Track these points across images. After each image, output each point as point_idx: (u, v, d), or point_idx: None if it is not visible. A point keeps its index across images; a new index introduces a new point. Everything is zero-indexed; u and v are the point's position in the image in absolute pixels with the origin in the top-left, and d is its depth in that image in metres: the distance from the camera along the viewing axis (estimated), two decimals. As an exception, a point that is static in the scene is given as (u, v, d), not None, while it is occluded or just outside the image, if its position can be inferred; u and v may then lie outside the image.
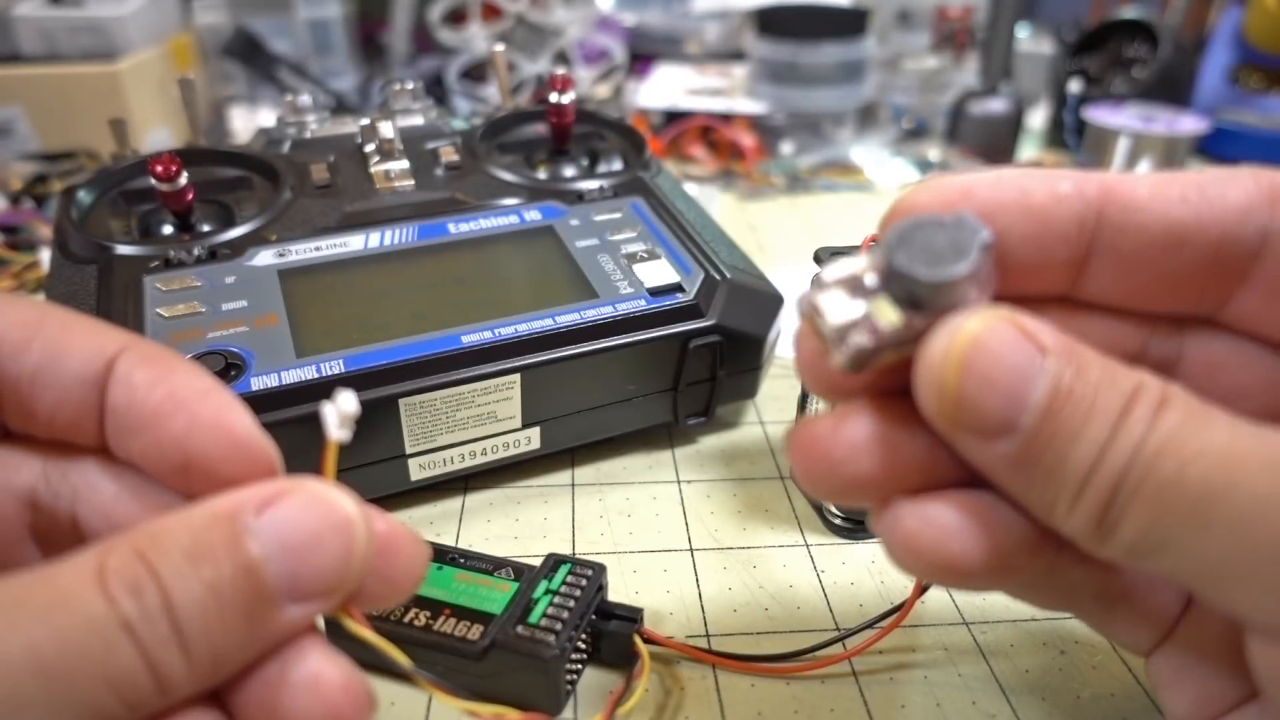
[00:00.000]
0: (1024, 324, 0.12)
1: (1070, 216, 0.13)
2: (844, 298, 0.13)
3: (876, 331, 0.13)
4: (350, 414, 0.13)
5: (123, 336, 0.13)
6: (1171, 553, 0.12)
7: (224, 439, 0.13)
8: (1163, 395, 0.12)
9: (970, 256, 0.12)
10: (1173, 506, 0.11)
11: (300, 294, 0.26)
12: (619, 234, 0.29)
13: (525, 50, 0.61)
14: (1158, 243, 0.13)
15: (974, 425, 0.12)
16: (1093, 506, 0.12)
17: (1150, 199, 0.13)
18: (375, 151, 0.32)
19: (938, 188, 0.14)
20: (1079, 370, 0.12)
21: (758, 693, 0.20)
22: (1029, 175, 0.14)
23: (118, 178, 0.30)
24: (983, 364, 0.12)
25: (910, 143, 0.56)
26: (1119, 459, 0.12)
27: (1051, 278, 0.14)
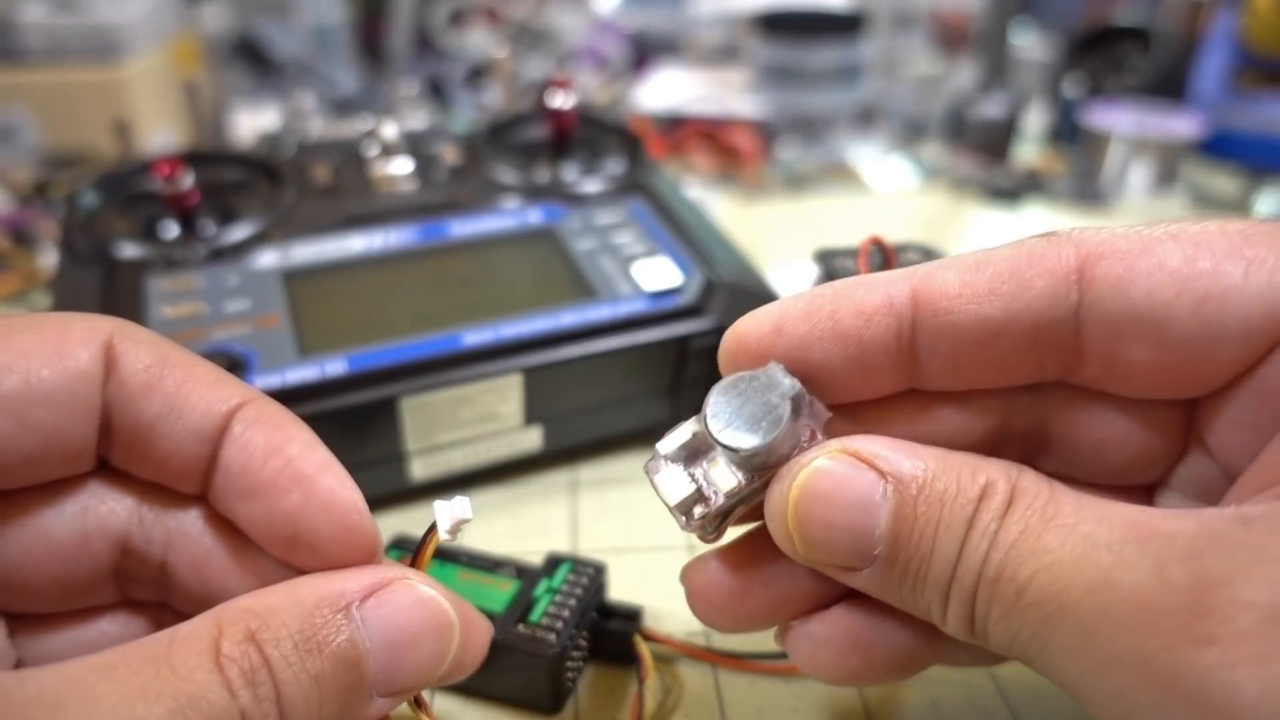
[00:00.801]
0: (859, 451, 0.13)
1: (884, 332, 0.13)
2: (679, 473, 0.14)
3: (718, 497, 0.14)
4: (462, 519, 0.13)
5: (241, 390, 0.13)
6: (1037, 665, 0.12)
7: (336, 521, 0.13)
8: (1010, 494, 0.12)
9: (781, 421, 0.13)
10: (1020, 628, 0.11)
11: (303, 294, 0.26)
12: (619, 235, 0.29)
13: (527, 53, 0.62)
14: (974, 340, 0.13)
15: (830, 563, 0.13)
16: (960, 615, 0.12)
17: (959, 298, 0.13)
18: (378, 153, 0.32)
19: (754, 327, 0.14)
20: (921, 487, 0.12)
21: (757, 691, 0.20)
22: (839, 296, 0.14)
23: (122, 180, 0.30)
24: (821, 510, 0.13)
25: (908, 144, 0.56)
26: (968, 579, 0.12)
27: (886, 383, 0.14)
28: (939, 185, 0.51)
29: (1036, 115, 0.58)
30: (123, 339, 0.13)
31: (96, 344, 0.13)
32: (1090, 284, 0.13)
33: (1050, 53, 0.58)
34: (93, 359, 0.13)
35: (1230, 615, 0.10)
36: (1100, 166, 0.50)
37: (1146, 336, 0.12)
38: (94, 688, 0.10)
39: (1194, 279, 0.12)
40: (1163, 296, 0.12)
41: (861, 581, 0.13)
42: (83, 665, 0.10)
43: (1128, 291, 0.12)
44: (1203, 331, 0.12)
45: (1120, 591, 0.10)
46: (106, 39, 0.48)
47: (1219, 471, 0.13)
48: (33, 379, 0.12)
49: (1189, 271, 0.12)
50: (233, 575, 0.14)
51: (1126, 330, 0.13)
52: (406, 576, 0.13)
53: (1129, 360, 0.13)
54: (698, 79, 0.61)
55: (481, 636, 0.14)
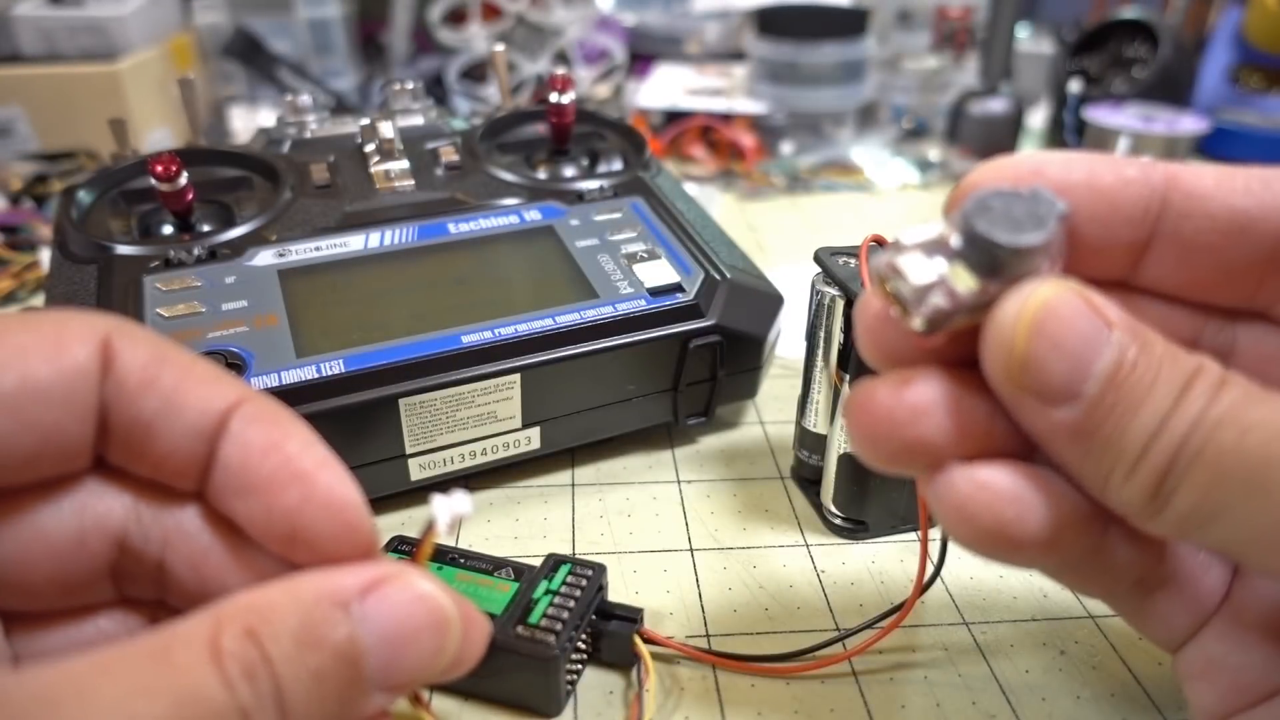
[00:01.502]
0: (1092, 298, 0.13)
1: (1136, 199, 0.14)
2: (923, 260, 0.13)
3: (954, 295, 0.13)
4: (461, 515, 0.13)
5: (239, 388, 0.13)
6: (1226, 521, 0.12)
7: (335, 519, 0.13)
8: (1222, 376, 0.12)
9: (1048, 226, 0.13)
10: (1231, 473, 0.12)
11: (300, 294, 0.26)
12: (619, 234, 0.29)
13: (525, 50, 0.61)
14: (1219, 230, 0.13)
15: (1038, 389, 0.13)
16: (1149, 478, 0.12)
17: (1215, 188, 0.13)
18: (375, 151, 0.32)
19: (1012, 164, 0.14)
20: (1143, 346, 0.12)
21: (758, 693, 0.20)
22: (1098, 159, 0.14)
23: (118, 178, 0.30)
24: (1052, 328, 0.12)
25: (910, 143, 0.56)
26: (1180, 428, 0.12)
27: (1114, 260, 0.14)
28: (942, 183, 0.50)
29: (1040, 112, 0.57)
30: (120, 337, 0.13)
31: (94, 342, 0.13)
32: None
33: (1053, 50, 0.58)
34: (90, 356, 0.13)
35: None
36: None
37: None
38: (92, 685, 0.10)
39: None
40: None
41: (1054, 422, 0.13)
42: (81, 662, 0.10)
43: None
44: None
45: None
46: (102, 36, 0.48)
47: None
48: (30, 377, 0.12)
49: None
50: (231, 573, 0.14)
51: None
52: (405, 572, 0.13)
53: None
54: (698, 76, 0.61)
55: (480, 633, 0.14)
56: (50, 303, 0.26)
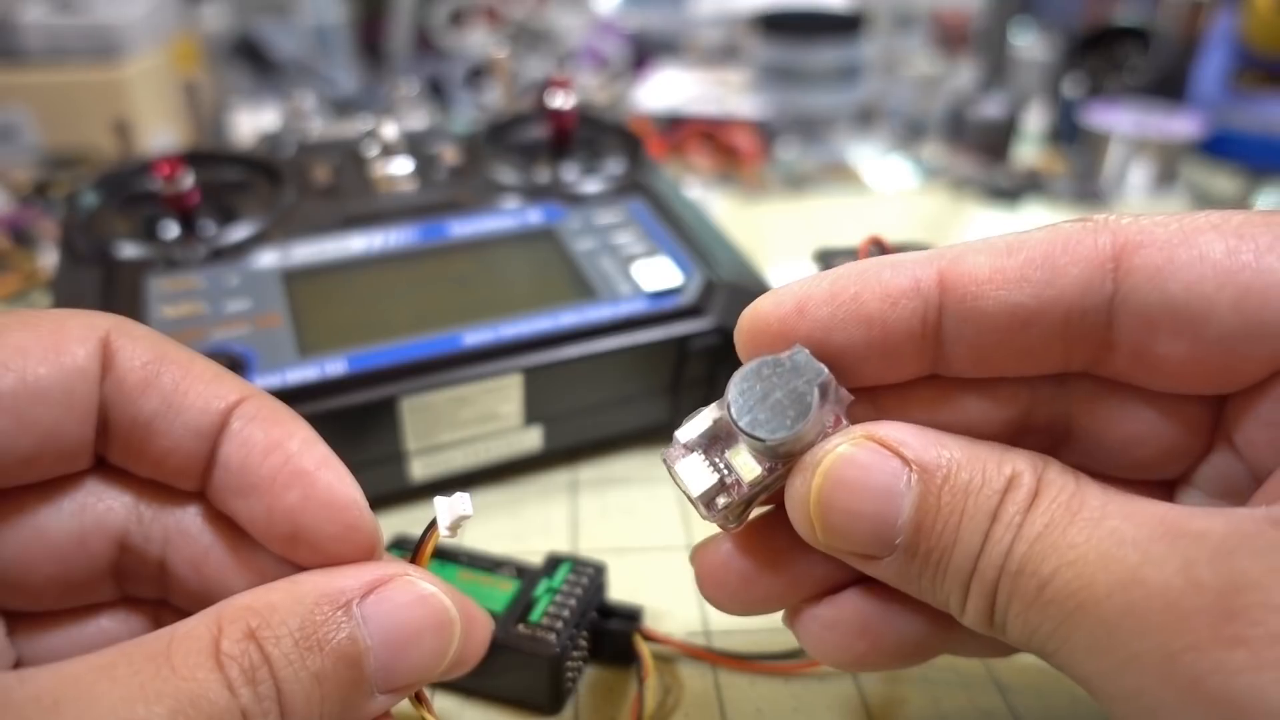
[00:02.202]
0: (885, 438, 0.12)
1: (909, 316, 0.13)
2: (700, 462, 0.14)
3: (740, 486, 0.13)
4: (462, 515, 0.13)
5: (240, 386, 0.13)
6: (1055, 660, 0.12)
7: (336, 518, 0.13)
8: (1035, 486, 0.12)
9: (809, 409, 0.13)
10: (1040, 623, 0.11)
11: (303, 294, 0.26)
12: (619, 235, 0.29)
13: (526, 53, 0.62)
14: (1003, 327, 0.13)
15: (851, 551, 0.13)
16: (980, 608, 0.12)
17: (989, 283, 0.13)
18: (378, 153, 0.32)
19: (774, 306, 0.14)
20: (947, 476, 0.12)
21: (757, 691, 0.20)
22: (864, 277, 0.13)
23: (122, 180, 0.30)
24: (844, 498, 0.12)
25: (908, 144, 0.56)
26: (990, 571, 0.12)
27: (909, 367, 0.14)
28: (939, 185, 0.51)
29: (1036, 115, 0.58)
30: (120, 335, 0.13)
31: (94, 341, 0.13)
32: (1127, 274, 0.12)
33: (1050, 52, 0.58)
34: (90, 356, 0.12)
35: (1260, 618, 0.09)
36: (1100, 166, 0.50)
37: (1183, 330, 0.12)
38: (93, 687, 0.10)
39: (1236, 272, 0.11)
40: (1203, 290, 0.12)
41: (881, 570, 0.13)
42: (82, 665, 0.10)
43: (1166, 283, 0.12)
44: (1242, 328, 0.12)
45: (1147, 589, 0.10)
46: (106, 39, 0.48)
47: (1245, 471, 0.13)
48: (29, 377, 0.12)
49: (1231, 264, 0.12)
50: (232, 572, 0.14)
51: (1162, 323, 0.12)
52: (407, 573, 0.13)
53: (1162, 354, 0.12)
54: (697, 79, 0.61)
55: (483, 632, 0.14)
56: (56, 303, 0.26)
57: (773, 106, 0.54)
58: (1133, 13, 0.59)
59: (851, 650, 0.14)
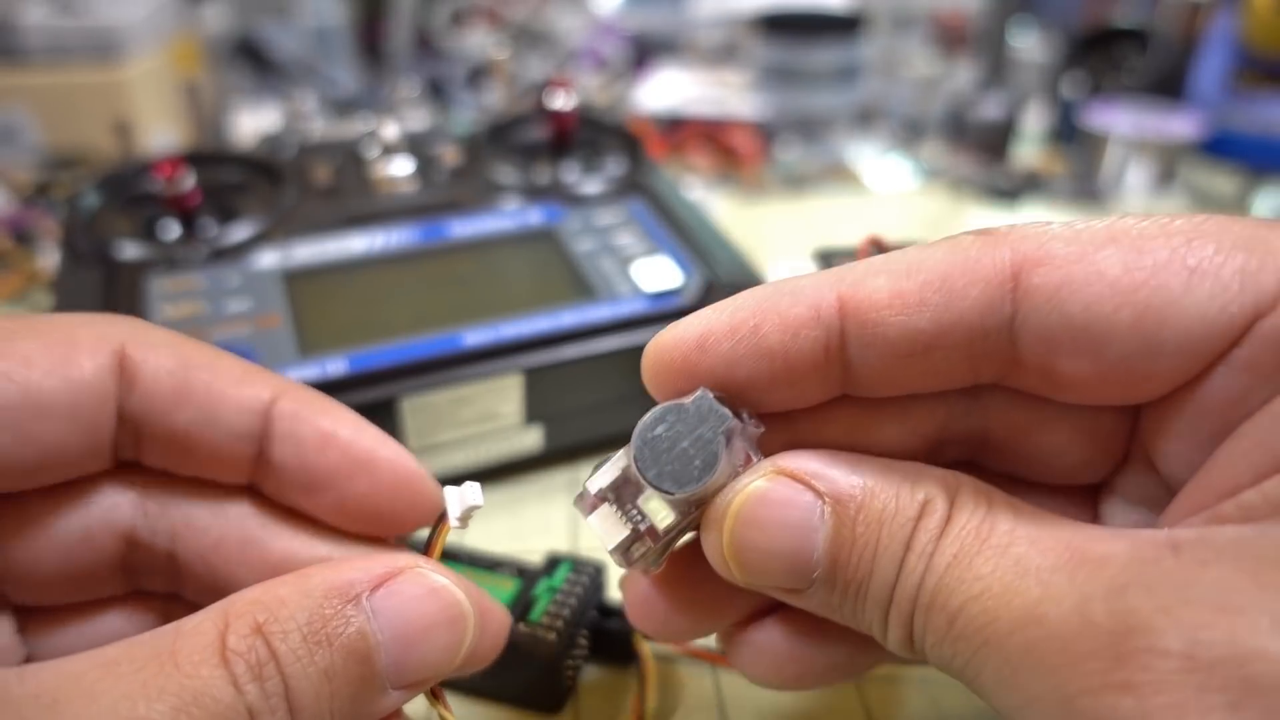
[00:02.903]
0: (796, 472, 0.12)
1: (811, 346, 0.13)
2: (612, 514, 0.13)
3: (655, 533, 0.13)
4: (473, 506, 0.13)
5: (270, 382, 0.13)
6: (974, 689, 0.12)
7: (406, 495, 0.13)
8: (948, 512, 0.12)
9: (716, 459, 0.13)
10: (953, 655, 0.11)
11: (303, 295, 0.26)
12: (619, 236, 0.29)
13: (527, 54, 0.62)
14: (904, 352, 0.13)
15: (771, 586, 0.13)
16: (900, 636, 0.12)
17: (888, 309, 0.12)
18: (378, 154, 0.32)
19: (675, 342, 0.13)
20: (860, 506, 0.12)
21: (757, 691, 0.20)
22: (762, 308, 0.13)
23: (123, 180, 0.30)
24: (757, 537, 0.12)
25: (907, 145, 0.56)
26: (905, 603, 0.12)
27: (817, 392, 0.14)
28: (938, 185, 0.51)
29: (1035, 115, 0.58)
30: (138, 345, 0.13)
31: (105, 352, 0.12)
32: (1025, 294, 0.12)
33: (1049, 53, 0.58)
34: (99, 369, 0.12)
35: (1146, 663, 0.09)
36: (1099, 167, 0.50)
37: (1083, 350, 0.12)
38: (95, 685, 0.10)
39: (1133, 291, 0.11)
40: (1100, 310, 0.12)
41: (804, 601, 0.13)
42: (85, 661, 0.10)
43: (1064, 304, 0.12)
44: (1142, 346, 0.12)
45: (1045, 628, 0.10)
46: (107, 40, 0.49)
47: (1161, 481, 0.13)
48: (32, 390, 0.12)
49: (1128, 282, 0.11)
50: (242, 564, 0.13)
51: (1063, 343, 0.12)
52: (418, 564, 0.12)
53: (1065, 371, 0.12)
54: (697, 80, 0.61)
55: (499, 625, 0.13)
56: (58, 303, 0.26)
57: (773, 107, 0.54)
58: (1132, 13, 0.59)
59: (784, 673, 0.15)
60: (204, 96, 0.54)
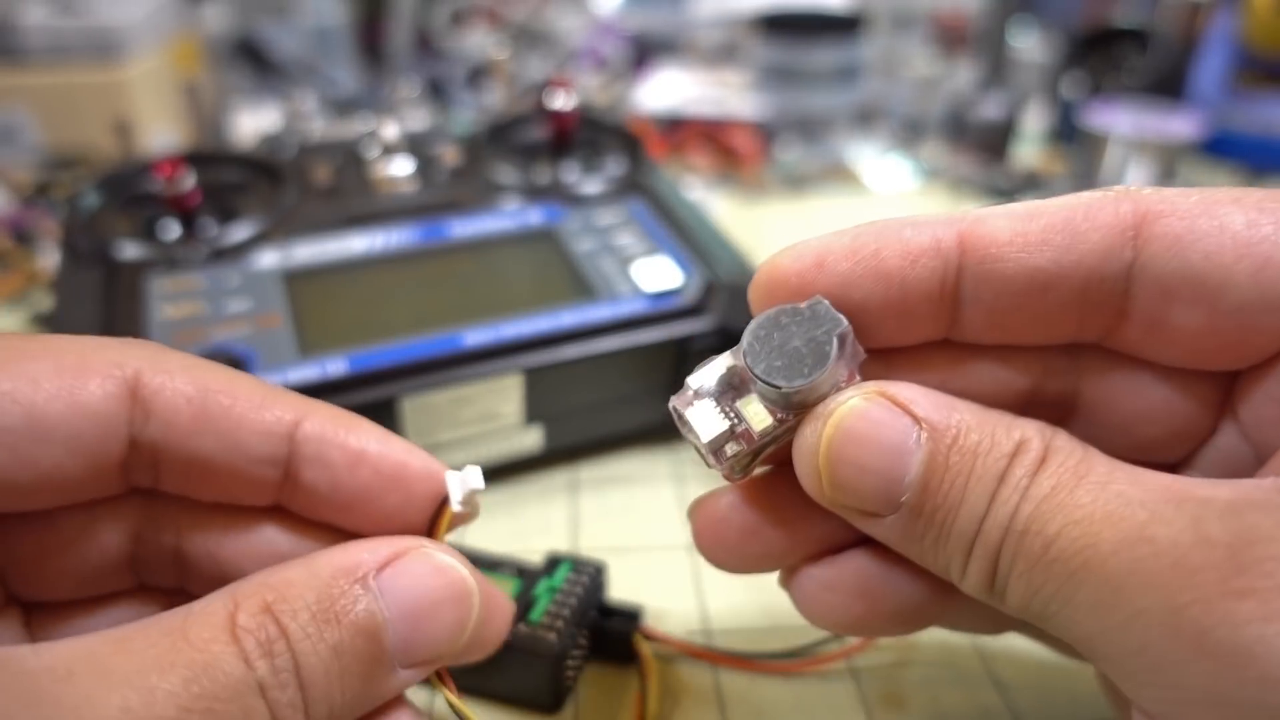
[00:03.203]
0: (896, 396, 0.12)
1: (928, 275, 0.13)
2: (711, 409, 0.13)
3: (750, 435, 0.13)
4: (474, 489, 0.13)
5: (290, 405, 0.13)
6: (1056, 622, 0.11)
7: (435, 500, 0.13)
8: (1043, 452, 0.12)
9: (828, 358, 0.12)
10: (1043, 583, 0.11)
11: (303, 295, 0.26)
12: (619, 236, 0.29)
13: (527, 54, 0.62)
14: (1021, 291, 0.13)
15: (855, 507, 0.13)
16: (981, 571, 0.12)
17: (1009, 246, 0.13)
18: (378, 154, 0.32)
19: (794, 260, 0.13)
20: (956, 437, 0.12)
21: (758, 690, 0.20)
22: (884, 234, 0.13)
23: (123, 180, 0.30)
24: (854, 451, 0.12)
25: (907, 145, 0.56)
26: (995, 532, 0.12)
27: (924, 329, 0.14)
28: (938, 185, 0.51)
29: (1035, 115, 0.58)
30: (155, 373, 0.12)
31: (117, 380, 0.12)
32: (1147, 241, 0.12)
33: (1049, 53, 0.58)
34: (108, 396, 0.12)
35: (1270, 570, 0.09)
36: (1099, 167, 0.50)
37: (1200, 300, 0.12)
38: (108, 659, 0.10)
39: (1256, 244, 0.12)
40: (1222, 260, 0.12)
41: (883, 530, 0.13)
42: (98, 639, 0.10)
43: (1186, 252, 0.12)
44: (1259, 300, 0.12)
45: (1155, 546, 0.10)
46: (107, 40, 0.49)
47: (1249, 450, 0.13)
48: (36, 413, 0.11)
49: (1251, 236, 0.12)
50: (249, 558, 0.14)
51: (1180, 292, 0.12)
52: (422, 544, 0.13)
53: (1176, 324, 0.12)
54: (697, 80, 0.61)
55: (503, 611, 0.14)
56: (59, 303, 0.26)
57: (773, 107, 0.54)
58: (1132, 13, 0.59)
59: (848, 612, 0.14)
60: (204, 96, 0.54)
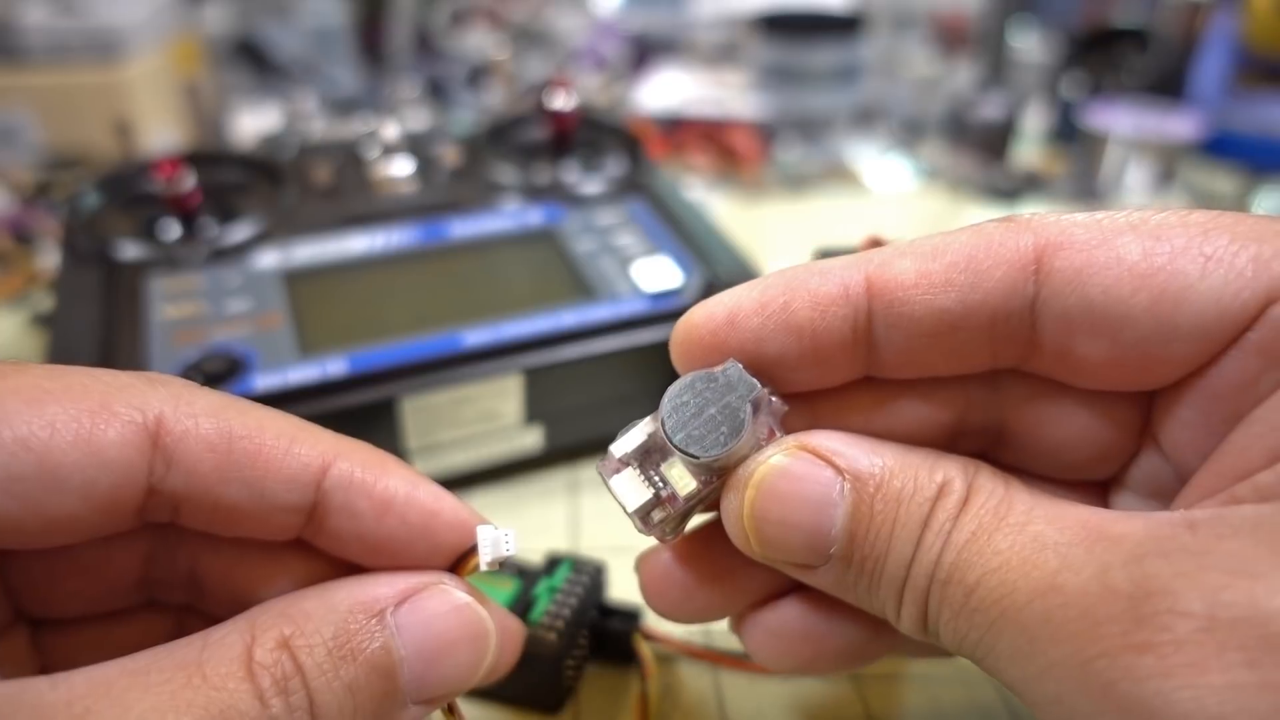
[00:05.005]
0: (818, 449, 0.12)
1: (839, 324, 0.13)
2: (635, 477, 0.14)
3: (675, 499, 0.13)
4: (506, 556, 0.13)
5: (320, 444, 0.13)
6: (985, 666, 0.12)
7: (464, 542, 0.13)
8: (966, 493, 0.12)
9: (743, 426, 0.13)
10: (968, 631, 0.11)
11: (303, 295, 0.26)
12: (619, 236, 0.29)
13: (527, 55, 0.62)
14: (930, 331, 0.13)
15: (786, 561, 0.13)
16: (913, 616, 0.12)
17: (914, 288, 0.13)
18: (378, 154, 0.32)
19: (706, 319, 0.14)
20: (880, 484, 0.12)
21: (757, 691, 0.20)
22: (792, 285, 0.13)
23: (124, 180, 0.30)
24: (777, 509, 0.12)
25: (907, 145, 0.56)
26: (921, 580, 0.12)
27: (842, 372, 0.14)
28: (938, 185, 0.51)
29: (1035, 115, 0.58)
30: (179, 418, 0.12)
31: (137, 426, 0.12)
32: (1047, 276, 0.12)
33: (1049, 53, 0.58)
34: (126, 446, 0.11)
35: (1167, 623, 0.09)
36: (1099, 167, 0.50)
37: (1101, 332, 0.12)
38: (124, 694, 0.10)
39: (1151, 275, 0.12)
40: (1119, 293, 0.12)
41: (817, 579, 0.13)
42: (114, 669, 0.10)
43: (1084, 286, 0.12)
44: (1157, 330, 0.12)
45: (1064, 596, 0.10)
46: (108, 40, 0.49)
47: (1172, 471, 0.13)
48: (50, 461, 0.11)
49: (1146, 267, 0.12)
50: (262, 580, 0.13)
51: (1081, 325, 0.12)
52: (442, 581, 0.13)
53: (1083, 354, 0.13)
54: (698, 80, 0.61)
55: (516, 640, 0.14)
56: (59, 303, 0.26)
57: (773, 107, 0.54)
58: (1131, 13, 0.59)
59: (796, 656, 0.15)
60: (204, 96, 0.54)
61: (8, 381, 0.11)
